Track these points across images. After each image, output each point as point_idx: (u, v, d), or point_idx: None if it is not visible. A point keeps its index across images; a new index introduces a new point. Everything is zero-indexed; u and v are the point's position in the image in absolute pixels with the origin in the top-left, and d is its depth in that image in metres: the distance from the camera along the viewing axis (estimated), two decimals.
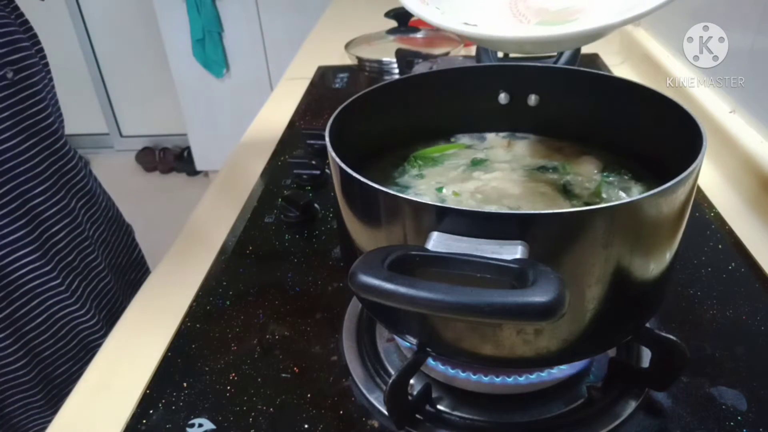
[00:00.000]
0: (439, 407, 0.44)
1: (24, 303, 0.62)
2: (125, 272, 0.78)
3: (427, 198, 0.46)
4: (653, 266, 0.37)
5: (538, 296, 0.26)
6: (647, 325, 0.43)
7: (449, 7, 0.44)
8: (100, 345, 0.56)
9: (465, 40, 0.38)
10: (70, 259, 0.66)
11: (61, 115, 0.69)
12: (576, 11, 0.43)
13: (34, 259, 0.61)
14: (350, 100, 0.46)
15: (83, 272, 0.68)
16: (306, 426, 0.43)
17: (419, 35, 1.23)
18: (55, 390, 0.67)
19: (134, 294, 0.61)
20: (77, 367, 0.68)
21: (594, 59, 1.11)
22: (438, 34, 1.22)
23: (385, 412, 0.43)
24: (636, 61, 1.06)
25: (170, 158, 2.94)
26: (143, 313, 0.58)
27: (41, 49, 0.67)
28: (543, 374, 0.43)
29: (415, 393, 0.43)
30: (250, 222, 0.68)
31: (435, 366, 0.44)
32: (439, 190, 0.47)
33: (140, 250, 0.84)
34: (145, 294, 0.61)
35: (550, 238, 0.32)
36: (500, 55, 0.50)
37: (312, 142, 0.83)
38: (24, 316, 0.62)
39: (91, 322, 0.68)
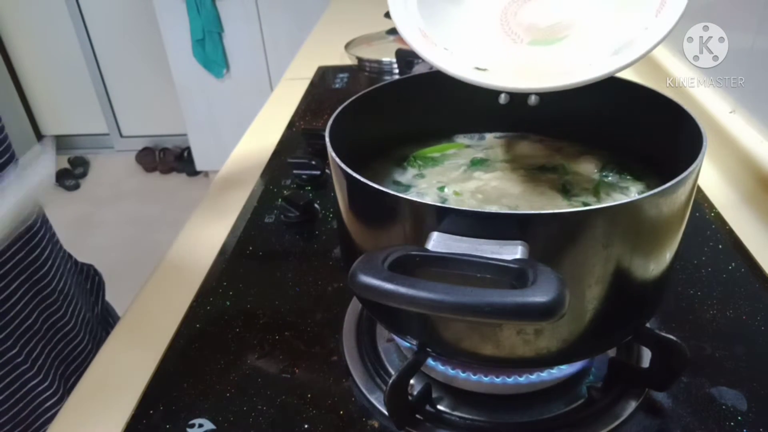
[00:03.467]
0: (439, 407, 0.44)
1: None
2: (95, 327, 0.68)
3: (429, 197, 0.46)
4: (653, 266, 0.37)
5: (538, 296, 0.26)
6: (647, 325, 0.43)
7: (454, 40, 0.45)
8: (54, 414, 0.49)
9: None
10: (30, 321, 0.56)
11: (12, 147, 0.57)
12: (566, 27, 0.44)
13: None
14: (350, 100, 0.46)
15: (47, 335, 0.58)
16: (306, 426, 0.43)
17: None
18: None
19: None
20: None
21: None
22: None
23: (385, 412, 0.43)
24: None
25: (170, 158, 2.94)
26: (143, 313, 0.58)
27: None
28: (543, 374, 0.43)
29: (415, 393, 0.43)
30: (250, 222, 0.68)
31: (435, 366, 0.44)
32: (441, 189, 0.47)
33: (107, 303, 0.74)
34: (146, 294, 0.61)
35: (550, 238, 0.32)
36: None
37: (312, 142, 0.83)
38: None
39: (49, 392, 0.58)
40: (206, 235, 0.68)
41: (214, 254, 0.63)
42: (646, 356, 0.46)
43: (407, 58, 1.04)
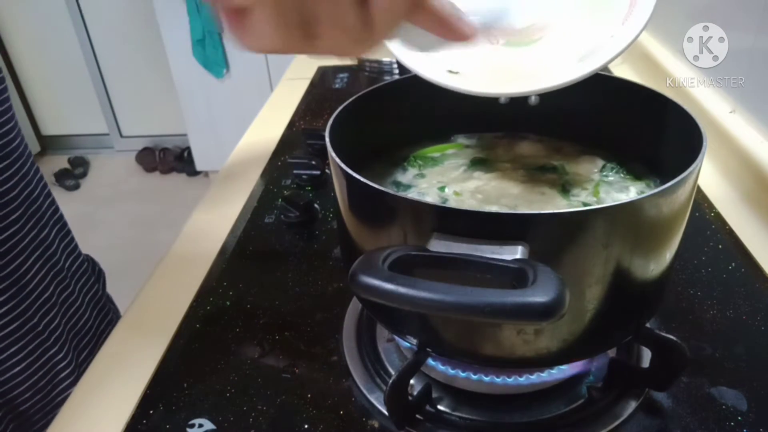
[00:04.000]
0: (440, 407, 0.44)
1: None
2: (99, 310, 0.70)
3: (430, 197, 0.46)
4: (653, 266, 0.37)
5: (538, 296, 0.26)
6: (647, 325, 0.43)
7: None
8: (69, 393, 0.51)
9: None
10: (47, 294, 0.59)
11: (22, 134, 0.59)
12: (540, 29, 0.45)
13: (7, 299, 0.54)
14: (350, 100, 0.46)
15: (62, 308, 0.61)
16: (306, 426, 0.43)
17: None
18: None
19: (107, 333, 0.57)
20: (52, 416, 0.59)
21: None
22: None
23: (386, 412, 0.43)
24: (636, 61, 1.05)
25: (170, 158, 2.94)
26: (143, 314, 0.58)
27: None
28: (543, 374, 0.43)
29: (415, 393, 0.43)
30: (250, 222, 0.68)
31: (435, 366, 0.44)
32: (442, 189, 0.47)
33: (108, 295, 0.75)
34: (146, 294, 0.61)
35: (550, 238, 0.32)
36: None
37: (312, 142, 0.83)
38: None
39: (69, 368, 0.61)
40: (206, 235, 0.68)
41: (214, 254, 0.63)
42: (646, 356, 0.46)
43: None
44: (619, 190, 0.46)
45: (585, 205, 0.45)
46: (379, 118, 0.49)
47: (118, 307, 0.76)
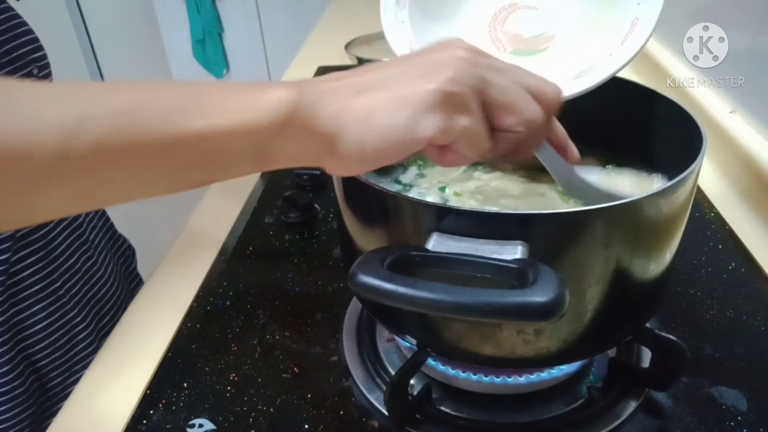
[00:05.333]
0: (439, 407, 0.44)
1: (24, 308, 0.60)
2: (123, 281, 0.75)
3: (431, 197, 0.46)
4: (653, 266, 0.37)
5: (538, 296, 0.26)
6: (647, 325, 0.43)
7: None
8: (91, 360, 0.55)
9: None
10: (72, 261, 0.64)
11: None
12: (547, 39, 0.46)
13: (35, 261, 0.59)
14: None
15: (84, 277, 0.66)
16: (306, 426, 0.43)
17: None
18: (48, 403, 0.63)
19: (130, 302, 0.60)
20: (72, 380, 0.64)
21: None
22: None
23: (385, 412, 0.43)
24: (636, 61, 1.05)
25: None
26: (144, 314, 0.58)
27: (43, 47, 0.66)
28: (543, 374, 0.43)
29: (415, 393, 0.43)
30: (250, 222, 0.68)
31: (435, 366, 0.44)
32: (442, 189, 0.47)
33: (136, 263, 0.81)
34: (146, 294, 0.61)
35: (550, 238, 0.32)
36: None
37: None
38: (23, 322, 0.60)
39: (86, 331, 0.65)
40: (206, 235, 0.68)
41: (214, 254, 0.63)
42: (646, 356, 0.46)
43: None
44: None
45: (585, 205, 0.45)
46: None
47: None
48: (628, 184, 0.45)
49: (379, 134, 0.30)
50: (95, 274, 0.66)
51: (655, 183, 0.45)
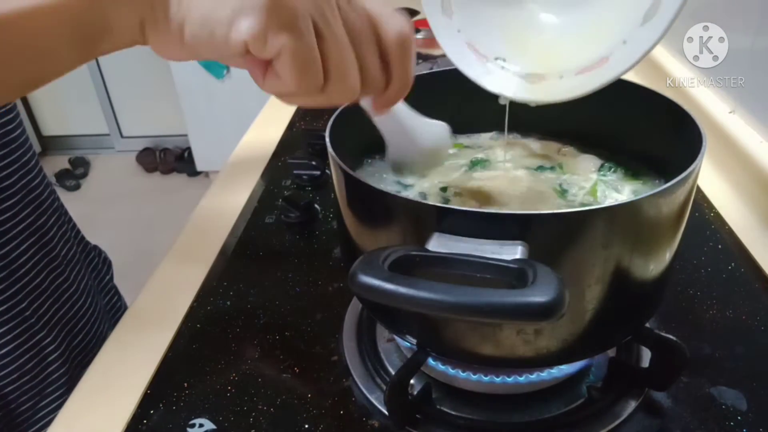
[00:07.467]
0: (439, 407, 0.44)
1: None
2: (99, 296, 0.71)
3: (432, 198, 0.46)
4: (653, 266, 0.37)
5: (538, 296, 0.26)
6: (647, 325, 0.43)
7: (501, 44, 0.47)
8: (62, 381, 0.52)
9: None
10: (39, 280, 0.59)
11: (24, 125, 0.61)
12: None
13: None
14: None
15: (54, 295, 0.61)
16: (306, 426, 0.43)
17: (419, 36, 1.23)
18: (17, 429, 0.59)
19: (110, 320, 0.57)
20: (42, 404, 0.60)
21: None
22: None
23: (386, 412, 0.43)
24: None
25: (171, 159, 2.93)
26: (144, 314, 0.58)
27: None
28: (543, 374, 0.43)
29: (415, 393, 0.44)
30: (250, 222, 0.69)
31: (435, 366, 0.44)
32: (444, 189, 0.47)
33: (112, 275, 0.77)
34: (146, 294, 0.61)
35: (550, 238, 0.33)
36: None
37: (312, 142, 0.83)
38: None
39: (57, 353, 0.61)
40: (206, 235, 0.68)
41: (215, 254, 0.63)
42: (646, 356, 0.46)
43: None
44: (618, 190, 0.46)
45: (583, 205, 0.45)
46: None
47: (125, 299, 0.76)
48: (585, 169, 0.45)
49: (200, 20, 0.29)
50: (66, 291, 0.62)
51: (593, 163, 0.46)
